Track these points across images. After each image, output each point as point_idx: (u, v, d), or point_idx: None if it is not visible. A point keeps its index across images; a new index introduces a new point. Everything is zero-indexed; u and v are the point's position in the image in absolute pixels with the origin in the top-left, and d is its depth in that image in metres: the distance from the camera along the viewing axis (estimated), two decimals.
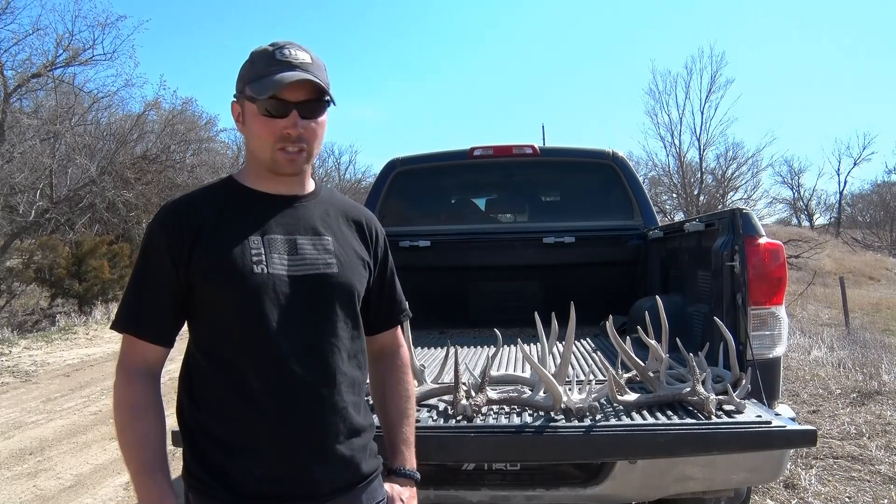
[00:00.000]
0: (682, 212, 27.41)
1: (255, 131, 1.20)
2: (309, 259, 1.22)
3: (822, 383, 5.70)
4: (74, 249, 13.11)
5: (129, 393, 1.17)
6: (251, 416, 1.17)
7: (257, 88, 1.17)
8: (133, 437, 1.15)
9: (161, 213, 1.23)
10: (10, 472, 3.96)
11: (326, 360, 1.21)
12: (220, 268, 1.17)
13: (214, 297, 1.19)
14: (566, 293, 2.68)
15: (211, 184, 1.33)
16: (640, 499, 2.16)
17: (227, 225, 1.20)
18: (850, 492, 3.32)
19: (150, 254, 1.19)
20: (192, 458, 1.20)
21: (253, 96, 1.17)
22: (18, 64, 12.89)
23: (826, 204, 37.92)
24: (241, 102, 1.23)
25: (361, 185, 28.59)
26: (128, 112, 16.70)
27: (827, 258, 20.95)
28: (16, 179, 12.89)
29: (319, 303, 1.22)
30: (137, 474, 1.14)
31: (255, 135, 1.20)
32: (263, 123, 1.19)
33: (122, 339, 1.20)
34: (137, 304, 1.19)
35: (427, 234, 3.93)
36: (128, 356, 1.19)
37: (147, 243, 1.21)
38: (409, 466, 1.37)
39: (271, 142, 1.19)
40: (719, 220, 2.48)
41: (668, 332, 2.18)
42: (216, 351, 1.20)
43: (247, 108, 1.21)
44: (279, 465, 1.17)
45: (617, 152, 4.13)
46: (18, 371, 7.17)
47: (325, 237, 1.26)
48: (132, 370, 1.18)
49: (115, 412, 1.18)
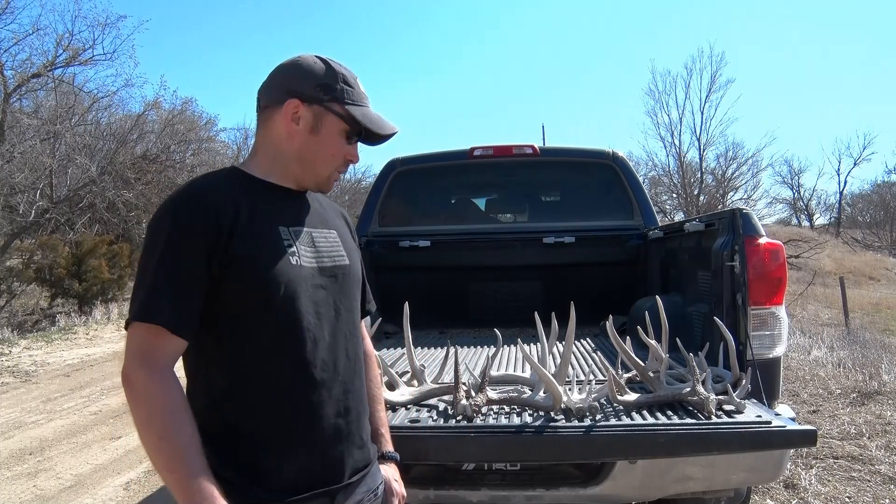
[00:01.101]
0: (682, 212, 27.41)
1: (327, 146, 1.22)
2: (325, 251, 1.25)
3: (822, 383, 5.70)
4: (74, 249, 13.12)
5: (167, 393, 1.05)
6: (287, 410, 1.15)
7: (362, 115, 1.22)
8: (180, 442, 1.04)
9: (187, 197, 1.12)
10: (10, 472, 3.96)
11: (352, 350, 1.26)
12: (260, 258, 1.13)
13: (249, 290, 1.12)
14: (566, 293, 2.69)
15: (221, 171, 1.27)
16: (640, 499, 2.16)
17: (258, 214, 1.16)
18: (850, 492, 3.32)
19: (178, 239, 1.08)
20: (219, 461, 1.09)
21: (356, 120, 1.21)
22: (18, 64, 12.90)
23: (826, 204, 37.95)
24: (319, 111, 1.21)
25: (361, 185, 28.55)
26: (128, 112, 16.73)
27: (827, 258, 20.94)
28: (16, 179, 12.88)
29: (341, 294, 1.25)
30: (188, 480, 1.02)
31: (327, 149, 1.23)
32: (340, 144, 1.23)
33: (142, 332, 1.06)
34: (168, 293, 1.07)
35: (427, 234, 3.93)
36: (156, 351, 1.06)
37: (174, 228, 1.09)
38: (392, 448, 1.46)
39: (337, 162, 1.25)
40: (719, 220, 2.48)
41: (668, 332, 2.18)
42: (247, 347, 1.14)
43: (329, 120, 1.21)
44: (314, 456, 1.17)
45: (617, 152, 4.13)
46: (18, 371, 7.17)
47: (332, 230, 1.31)
48: (164, 367, 1.06)
49: (151, 416, 1.04)
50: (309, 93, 1.21)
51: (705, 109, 27.09)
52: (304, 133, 1.21)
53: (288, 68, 1.25)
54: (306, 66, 1.23)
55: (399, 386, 2.19)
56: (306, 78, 1.22)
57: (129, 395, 1.06)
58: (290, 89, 1.21)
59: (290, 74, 1.23)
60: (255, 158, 1.26)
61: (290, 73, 1.24)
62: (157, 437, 1.04)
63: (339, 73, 1.23)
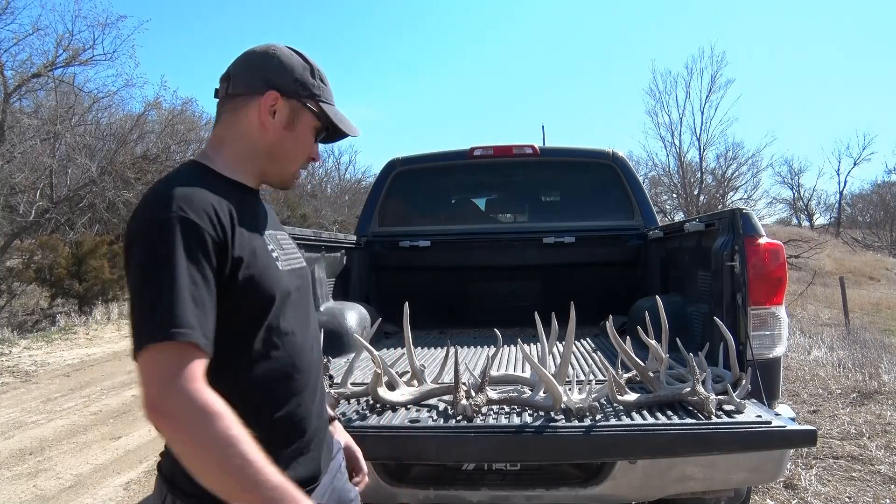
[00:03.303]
0: (682, 212, 27.41)
1: (300, 143, 1.19)
2: (290, 253, 1.22)
3: (822, 383, 5.70)
4: (74, 249, 13.11)
5: (222, 410, 0.91)
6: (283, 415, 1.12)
7: (335, 115, 1.21)
8: (251, 459, 0.90)
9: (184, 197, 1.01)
10: (10, 472, 3.96)
11: (318, 351, 1.28)
12: (255, 263, 1.07)
13: (247, 296, 1.06)
14: (566, 293, 2.69)
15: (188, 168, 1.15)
16: (640, 499, 2.16)
17: (242, 216, 1.08)
18: (850, 492, 3.32)
19: (191, 244, 0.97)
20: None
21: (330, 119, 1.20)
22: (18, 64, 12.88)
23: (826, 204, 37.97)
24: (296, 106, 1.17)
25: (361, 185, 28.57)
26: (128, 112, 16.70)
27: (827, 258, 20.94)
28: (16, 179, 12.87)
29: (307, 296, 1.25)
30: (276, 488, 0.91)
31: (299, 146, 1.19)
32: (310, 140, 1.21)
33: (171, 353, 0.91)
34: (191, 305, 0.94)
35: (427, 234, 3.94)
36: (191, 373, 0.92)
37: (186, 232, 0.97)
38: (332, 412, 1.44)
39: (303, 158, 1.22)
40: (719, 220, 2.48)
41: (668, 332, 2.18)
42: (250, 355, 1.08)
43: (305, 116, 1.18)
44: (316, 451, 1.19)
45: (617, 152, 4.13)
46: (18, 371, 7.17)
47: (284, 231, 1.29)
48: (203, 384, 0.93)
49: (206, 444, 0.89)
50: (288, 87, 1.16)
51: (705, 109, 27.14)
52: (278, 127, 1.16)
53: (265, 57, 1.18)
54: (285, 58, 1.18)
55: (399, 386, 2.19)
56: (286, 71, 1.17)
57: (169, 426, 0.90)
58: (269, 80, 1.15)
59: (269, 64, 1.17)
60: (219, 152, 1.17)
61: (269, 63, 1.17)
62: (217, 466, 0.90)
63: (315, 70, 1.20)
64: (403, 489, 2.10)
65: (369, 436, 1.78)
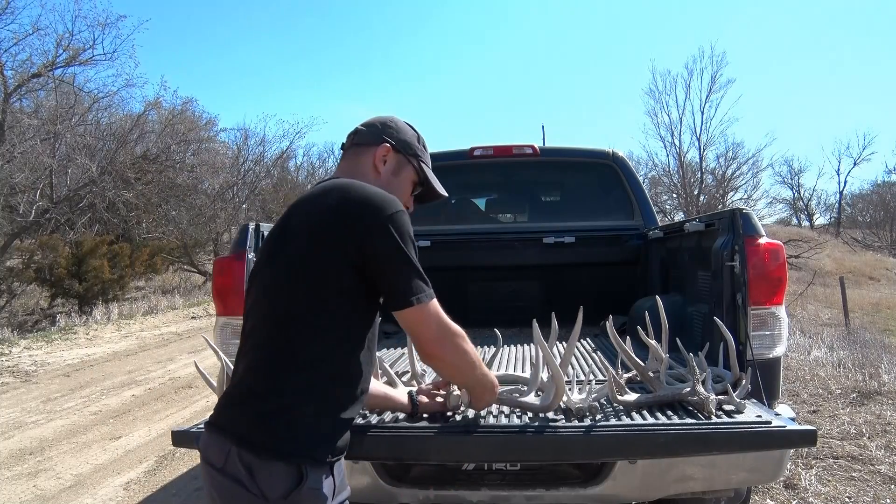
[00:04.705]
0: (682, 212, 27.41)
1: (401, 190, 1.55)
2: None
3: (822, 383, 5.70)
4: (74, 249, 13.10)
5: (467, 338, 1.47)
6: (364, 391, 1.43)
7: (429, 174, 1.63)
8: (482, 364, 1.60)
9: (399, 203, 1.38)
10: (10, 472, 3.96)
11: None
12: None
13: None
14: (566, 293, 2.69)
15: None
16: (640, 499, 2.16)
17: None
18: (850, 492, 3.32)
19: (413, 238, 1.37)
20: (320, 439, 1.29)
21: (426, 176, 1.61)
22: (18, 64, 12.90)
23: (826, 204, 37.99)
24: (402, 160, 1.56)
25: None
26: (128, 112, 16.72)
27: (827, 258, 20.94)
28: (16, 179, 12.87)
29: None
30: (493, 382, 1.69)
31: (399, 192, 1.53)
32: (408, 191, 1.60)
33: (436, 306, 1.40)
34: (425, 276, 1.39)
35: (427, 234, 3.93)
36: (445, 316, 1.43)
37: (410, 228, 1.36)
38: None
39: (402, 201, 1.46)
40: (719, 220, 2.48)
41: (668, 332, 2.18)
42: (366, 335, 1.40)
43: (407, 170, 1.58)
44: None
45: (617, 152, 4.12)
46: (18, 371, 7.17)
47: None
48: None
49: (470, 355, 1.50)
50: (399, 144, 1.56)
51: (705, 109, 27.15)
52: (387, 172, 1.54)
53: (386, 121, 1.59)
54: (401, 124, 1.60)
55: (397, 386, 2.19)
56: (399, 132, 1.57)
57: (460, 351, 1.46)
58: (386, 136, 1.55)
59: (387, 125, 1.57)
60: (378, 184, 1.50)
61: (387, 124, 1.58)
62: (471, 367, 1.53)
63: (421, 138, 1.62)
64: (403, 489, 2.10)
65: (369, 436, 1.77)
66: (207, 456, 1.28)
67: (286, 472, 1.22)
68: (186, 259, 18.89)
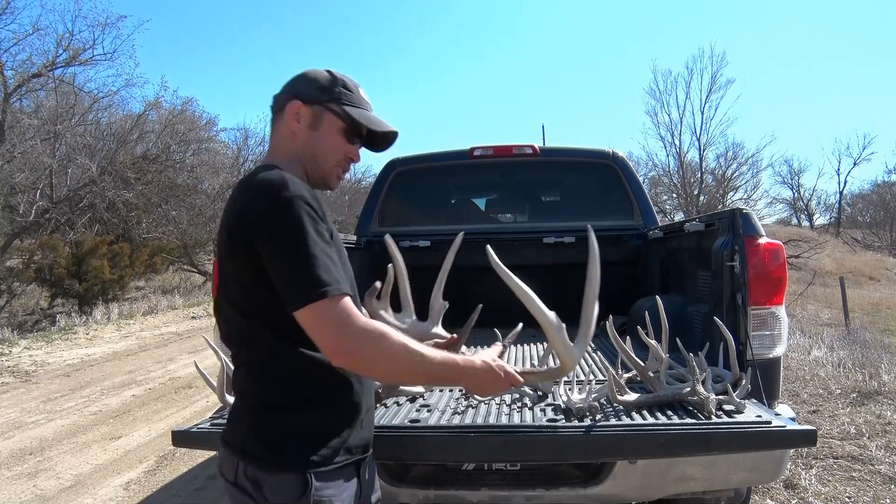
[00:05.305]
0: (682, 212, 27.40)
1: (328, 143, 1.35)
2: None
3: (822, 383, 5.70)
4: (74, 249, 13.10)
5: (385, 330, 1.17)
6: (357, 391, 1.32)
7: (361, 115, 1.36)
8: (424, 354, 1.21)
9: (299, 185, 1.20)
10: (10, 472, 3.96)
11: None
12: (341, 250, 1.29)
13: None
14: (566, 293, 2.67)
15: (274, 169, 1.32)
16: (640, 499, 2.16)
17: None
18: (850, 492, 3.32)
19: (317, 221, 1.18)
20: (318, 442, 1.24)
21: (353, 118, 1.34)
22: (19, 64, 12.90)
23: (826, 204, 37.94)
24: (318, 110, 1.34)
25: (361, 186, 28.51)
26: (128, 112, 16.71)
27: (827, 258, 20.93)
28: (16, 179, 12.87)
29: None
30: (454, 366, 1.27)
31: (325, 144, 1.35)
32: (340, 142, 1.36)
33: (335, 303, 1.13)
34: (333, 266, 1.17)
35: (427, 234, 3.93)
36: (354, 314, 1.15)
37: (311, 211, 1.18)
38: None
39: (338, 157, 1.37)
40: (719, 220, 2.48)
41: (668, 332, 2.18)
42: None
43: (328, 119, 1.34)
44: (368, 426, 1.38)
45: (617, 152, 4.12)
46: (18, 371, 7.17)
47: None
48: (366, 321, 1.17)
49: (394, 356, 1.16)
50: (309, 95, 1.34)
51: (706, 109, 27.13)
52: (304, 130, 1.34)
53: (295, 77, 1.39)
54: (311, 74, 1.38)
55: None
56: (309, 83, 1.36)
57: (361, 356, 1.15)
58: (294, 93, 1.35)
59: (296, 81, 1.38)
60: (276, 158, 1.35)
61: (296, 80, 1.38)
62: (408, 366, 1.20)
63: (338, 79, 1.37)
64: (403, 489, 2.10)
65: None
66: (222, 471, 1.29)
67: (291, 481, 1.20)
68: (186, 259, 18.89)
